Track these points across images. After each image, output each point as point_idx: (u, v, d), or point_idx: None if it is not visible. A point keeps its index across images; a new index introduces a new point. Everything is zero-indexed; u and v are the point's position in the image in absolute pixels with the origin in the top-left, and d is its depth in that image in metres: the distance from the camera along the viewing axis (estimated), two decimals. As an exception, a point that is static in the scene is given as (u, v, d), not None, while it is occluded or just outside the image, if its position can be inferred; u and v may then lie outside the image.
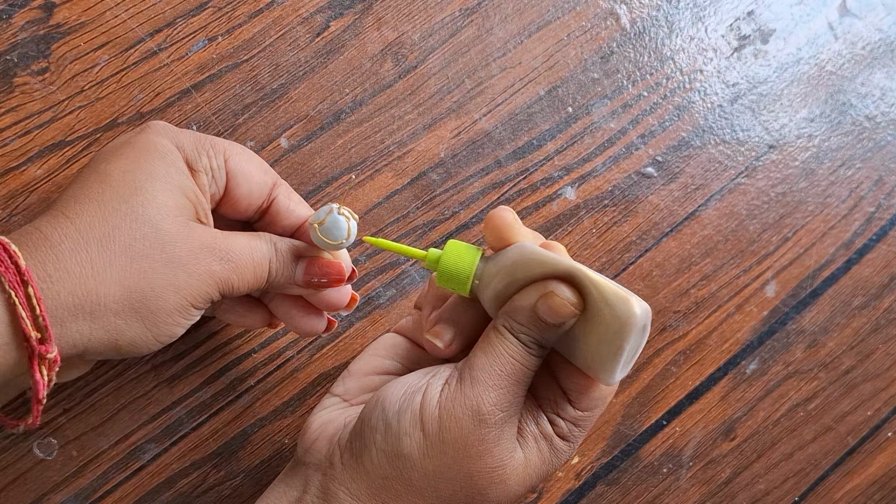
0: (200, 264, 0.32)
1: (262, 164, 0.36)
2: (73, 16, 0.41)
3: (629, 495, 0.45)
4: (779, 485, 0.47)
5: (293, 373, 0.42)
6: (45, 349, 0.28)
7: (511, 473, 0.31)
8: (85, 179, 0.32)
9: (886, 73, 0.51)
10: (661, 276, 0.47)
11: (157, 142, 0.33)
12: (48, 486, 0.38)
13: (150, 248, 0.31)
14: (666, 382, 0.46)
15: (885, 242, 0.50)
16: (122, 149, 0.33)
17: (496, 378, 0.31)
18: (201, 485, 0.40)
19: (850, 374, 0.49)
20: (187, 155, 0.33)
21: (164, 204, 0.32)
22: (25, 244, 0.29)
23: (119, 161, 0.32)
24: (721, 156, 0.48)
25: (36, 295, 0.28)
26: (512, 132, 0.46)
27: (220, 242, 0.33)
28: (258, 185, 0.35)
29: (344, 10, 0.44)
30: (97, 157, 0.33)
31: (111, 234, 0.30)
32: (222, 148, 0.34)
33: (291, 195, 0.37)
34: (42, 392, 0.29)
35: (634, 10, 0.48)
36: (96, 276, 0.30)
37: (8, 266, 0.28)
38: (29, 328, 0.28)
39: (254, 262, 0.34)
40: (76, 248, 0.30)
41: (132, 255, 0.30)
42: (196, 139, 0.34)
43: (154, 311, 0.31)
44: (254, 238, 0.34)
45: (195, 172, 0.33)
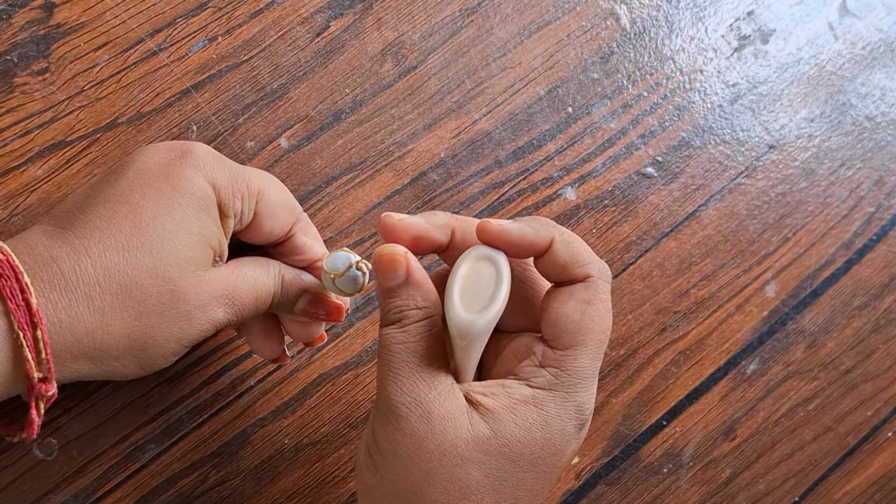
0: (206, 315, 0.32)
1: (289, 202, 0.35)
2: (73, 16, 0.41)
3: (629, 495, 0.45)
4: (779, 485, 0.47)
5: (293, 373, 0.42)
6: (46, 388, 0.29)
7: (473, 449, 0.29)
8: (114, 210, 0.30)
9: (886, 73, 0.51)
10: (661, 276, 0.47)
11: (194, 181, 0.31)
12: (48, 485, 0.38)
13: (162, 306, 0.31)
14: (666, 382, 0.46)
15: (885, 242, 0.50)
16: (159, 181, 0.31)
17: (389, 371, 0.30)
18: (201, 485, 0.40)
19: (850, 375, 0.49)
20: (221, 198, 0.32)
21: (187, 259, 0.31)
22: (39, 278, 0.29)
23: (153, 197, 0.31)
24: (721, 156, 0.48)
25: (44, 339, 0.28)
26: (512, 132, 0.46)
27: (228, 289, 0.33)
28: (281, 224, 0.35)
29: (344, 10, 0.44)
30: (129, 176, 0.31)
31: (128, 289, 0.30)
32: (256, 188, 0.33)
33: (309, 231, 0.37)
34: (37, 428, 0.30)
35: (634, 10, 0.48)
36: (105, 328, 0.30)
37: (19, 304, 0.28)
38: (33, 370, 0.29)
39: (257, 300, 0.34)
40: (91, 294, 0.29)
41: (143, 311, 0.30)
42: (233, 178, 0.33)
43: (153, 356, 0.32)
44: (261, 269, 0.34)
45: (225, 218, 0.33)
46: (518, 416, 0.30)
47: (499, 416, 0.30)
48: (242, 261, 0.35)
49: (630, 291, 0.46)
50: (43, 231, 0.31)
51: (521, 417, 0.30)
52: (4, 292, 0.28)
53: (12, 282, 0.28)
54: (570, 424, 0.30)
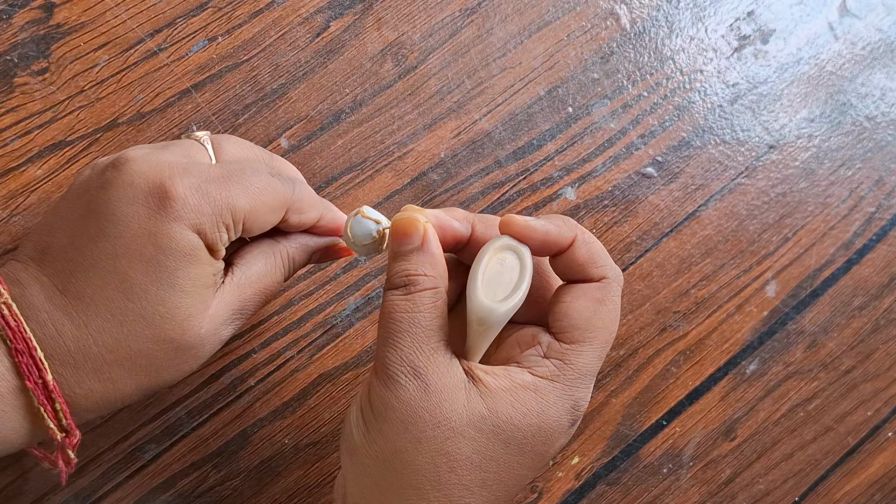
0: (215, 343, 0.33)
1: (276, 204, 0.33)
2: (73, 16, 0.41)
3: (629, 495, 0.45)
4: (779, 485, 0.47)
5: (293, 373, 0.42)
6: (69, 441, 0.30)
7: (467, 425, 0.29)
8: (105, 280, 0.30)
9: (886, 73, 0.51)
10: (661, 276, 0.47)
11: (178, 238, 0.30)
12: (48, 485, 0.38)
13: (169, 360, 0.31)
14: (666, 383, 0.46)
15: (885, 243, 0.50)
16: (143, 246, 0.30)
17: (387, 334, 0.30)
18: (201, 485, 0.40)
19: (850, 375, 0.49)
20: (209, 241, 0.31)
21: (186, 316, 0.31)
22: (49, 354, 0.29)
23: (140, 266, 0.30)
24: (721, 156, 0.48)
25: (63, 410, 0.30)
26: (512, 132, 0.46)
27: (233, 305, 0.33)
28: (271, 223, 0.34)
29: (344, 10, 0.44)
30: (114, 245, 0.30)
31: (133, 359, 0.31)
32: (242, 214, 0.32)
33: (303, 206, 0.35)
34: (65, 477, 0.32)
35: (634, 11, 0.48)
36: (118, 391, 0.31)
37: (37, 381, 0.29)
38: (56, 433, 0.30)
39: (265, 296, 0.34)
40: (99, 369, 0.30)
41: (153, 370, 0.31)
42: (217, 213, 0.31)
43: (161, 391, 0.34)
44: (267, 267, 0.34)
45: (215, 252, 0.32)
46: (517, 399, 0.30)
47: (498, 396, 0.30)
48: (248, 259, 0.34)
49: (630, 291, 0.46)
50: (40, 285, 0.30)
51: (519, 402, 0.30)
52: (22, 369, 0.29)
53: (27, 357, 0.29)
54: (565, 417, 0.31)
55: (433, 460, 0.29)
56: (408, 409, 0.29)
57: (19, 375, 0.29)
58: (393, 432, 0.29)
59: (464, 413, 0.29)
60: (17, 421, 0.29)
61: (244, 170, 0.33)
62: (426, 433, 0.29)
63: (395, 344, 0.30)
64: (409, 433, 0.29)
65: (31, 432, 0.30)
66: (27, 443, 0.31)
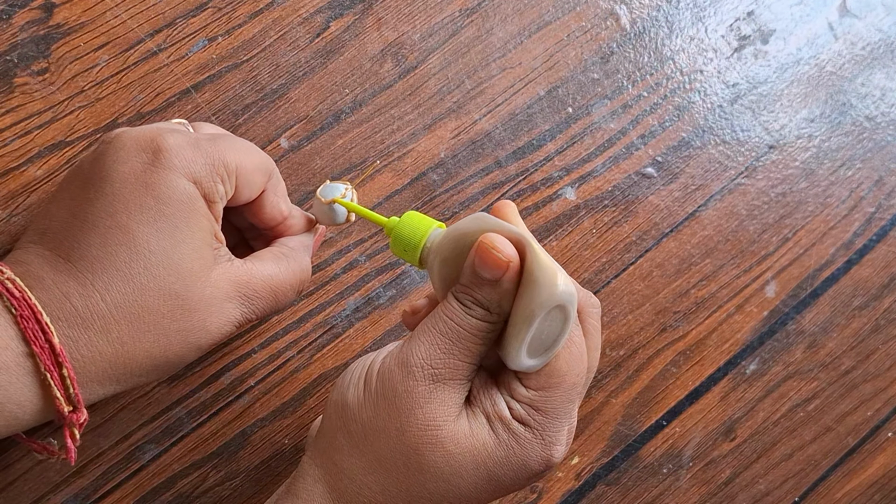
0: (223, 318, 0.33)
1: (263, 166, 0.35)
2: (73, 16, 0.41)
3: (629, 495, 0.45)
4: (779, 485, 0.47)
5: (293, 373, 0.42)
6: (77, 417, 0.30)
7: (449, 438, 0.30)
8: (107, 237, 0.30)
9: (886, 73, 0.51)
10: (661, 276, 0.47)
11: (176, 187, 0.31)
12: (48, 486, 0.38)
13: (176, 322, 0.31)
14: (666, 383, 0.46)
15: (885, 243, 0.50)
16: (142, 196, 0.30)
17: (429, 334, 0.31)
18: (201, 485, 0.40)
19: (850, 375, 0.49)
20: (205, 190, 0.32)
21: (191, 271, 0.31)
22: (56, 317, 0.29)
23: (141, 217, 0.30)
24: (721, 156, 0.48)
25: (70, 376, 0.29)
26: (512, 132, 0.46)
27: (241, 288, 0.33)
28: (258, 188, 0.35)
29: (344, 10, 0.44)
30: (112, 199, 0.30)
31: (141, 314, 0.30)
32: (234, 165, 0.33)
33: (279, 189, 0.37)
34: (74, 456, 0.31)
35: (634, 11, 0.48)
36: (126, 354, 0.31)
37: (43, 345, 0.29)
38: (63, 405, 0.29)
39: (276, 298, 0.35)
40: (107, 327, 0.30)
41: (160, 331, 0.31)
42: (211, 164, 0.32)
43: (174, 365, 0.33)
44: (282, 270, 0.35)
45: (212, 204, 0.32)
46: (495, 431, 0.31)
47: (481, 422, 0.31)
48: (258, 255, 0.35)
49: (630, 292, 0.46)
50: (42, 258, 0.30)
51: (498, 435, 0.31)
52: (27, 335, 0.28)
53: (32, 322, 0.29)
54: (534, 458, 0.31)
55: (407, 455, 0.30)
56: (408, 399, 0.30)
57: (26, 342, 0.28)
58: (385, 412, 0.30)
59: (449, 426, 0.30)
60: (24, 393, 0.29)
61: (227, 134, 0.35)
62: (412, 429, 0.30)
63: (432, 342, 0.31)
64: (399, 421, 0.30)
65: (40, 407, 0.29)
66: (35, 419, 0.30)
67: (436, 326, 0.31)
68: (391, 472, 0.30)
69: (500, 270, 0.30)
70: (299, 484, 0.31)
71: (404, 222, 0.33)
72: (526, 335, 0.30)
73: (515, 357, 0.30)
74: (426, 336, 0.31)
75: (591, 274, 0.46)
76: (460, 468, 0.30)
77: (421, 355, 0.30)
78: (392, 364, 0.31)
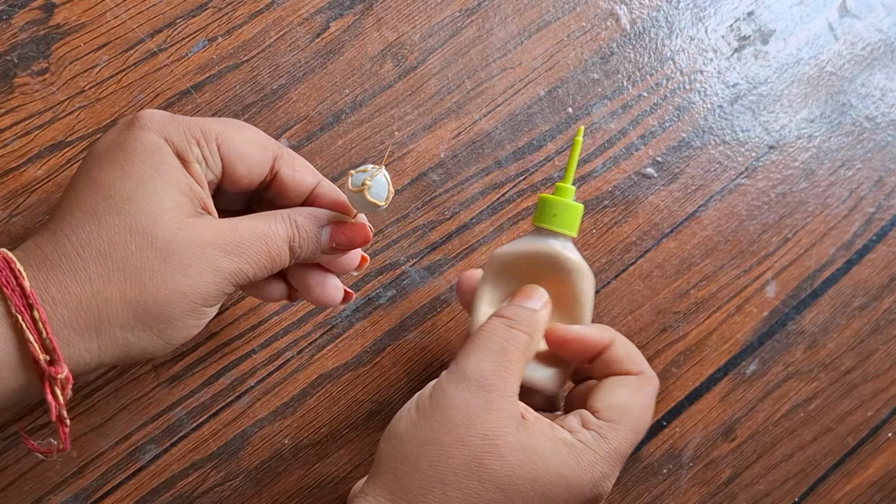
0: (205, 264, 0.31)
1: (259, 140, 0.35)
2: (74, 16, 0.41)
3: (629, 496, 0.45)
4: (779, 485, 0.47)
5: (293, 373, 0.42)
6: (55, 371, 0.29)
7: (508, 448, 0.31)
8: (78, 189, 0.31)
9: (886, 73, 0.51)
10: (661, 276, 0.47)
11: (144, 139, 0.32)
12: (48, 486, 0.38)
13: (148, 260, 0.30)
14: (666, 383, 0.46)
15: (885, 243, 0.50)
16: (112, 151, 0.32)
17: (478, 345, 0.33)
18: (201, 485, 0.40)
19: (850, 375, 0.49)
20: (177, 147, 0.32)
21: (159, 209, 0.31)
22: (27, 263, 0.29)
23: (109, 167, 0.31)
24: (721, 156, 0.48)
25: (42, 318, 0.29)
26: (512, 133, 0.46)
27: (224, 236, 0.32)
28: (258, 163, 0.34)
29: (344, 10, 0.44)
30: (88, 161, 0.32)
31: (108, 251, 0.30)
32: (214, 133, 0.33)
33: (296, 164, 0.36)
34: (55, 413, 0.30)
35: (634, 11, 0.48)
36: (97, 295, 0.30)
37: (14, 288, 0.29)
38: (37, 351, 0.29)
39: (268, 248, 0.33)
40: (75, 267, 0.30)
41: (130, 270, 0.30)
42: (186, 127, 0.33)
43: (161, 320, 0.31)
44: (267, 221, 0.33)
45: (187, 164, 0.32)
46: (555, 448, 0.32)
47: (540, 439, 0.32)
48: (244, 216, 0.34)
49: (630, 292, 0.46)
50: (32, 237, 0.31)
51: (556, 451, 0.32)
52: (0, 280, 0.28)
53: (6, 272, 0.29)
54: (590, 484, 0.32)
55: (468, 464, 0.31)
56: (466, 411, 0.31)
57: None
58: (442, 426, 0.31)
59: (510, 437, 0.31)
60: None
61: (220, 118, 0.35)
62: (472, 438, 0.31)
63: (483, 355, 0.33)
64: (458, 432, 0.31)
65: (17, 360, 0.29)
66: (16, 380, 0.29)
67: (483, 338, 0.33)
68: (449, 484, 0.31)
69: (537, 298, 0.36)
70: None
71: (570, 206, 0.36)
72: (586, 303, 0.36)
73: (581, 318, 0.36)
74: (475, 346, 0.33)
75: (591, 274, 0.46)
76: (519, 480, 0.31)
77: (473, 364, 0.32)
78: (446, 383, 0.32)
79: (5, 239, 0.39)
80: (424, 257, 0.44)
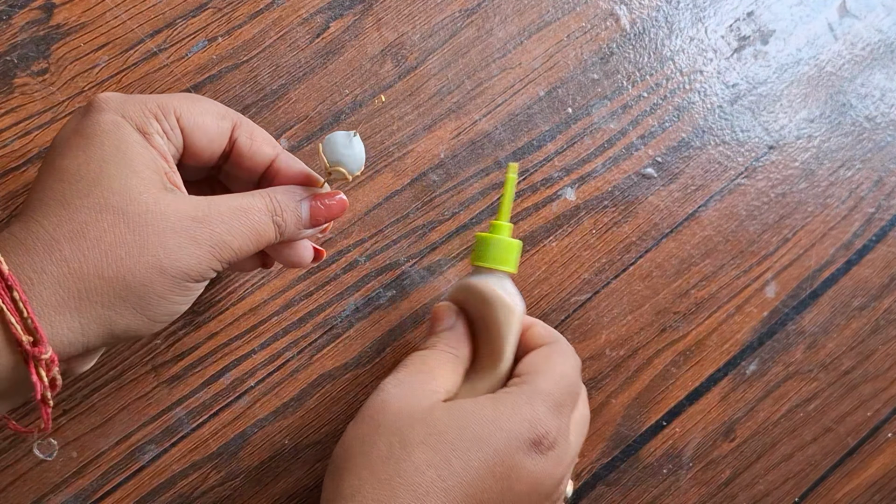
0: (182, 237, 0.31)
1: (217, 111, 0.35)
2: (73, 17, 0.41)
3: (629, 496, 0.45)
4: (779, 485, 0.47)
5: (293, 374, 0.42)
6: (39, 351, 0.29)
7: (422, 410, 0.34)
8: (45, 179, 0.31)
9: (886, 73, 0.51)
10: (660, 276, 0.47)
11: (102, 121, 0.32)
12: (48, 486, 0.38)
13: (122, 235, 0.30)
14: (666, 383, 0.46)
15: (884, 243, 0.50)
16: (73, 138, 0.32)
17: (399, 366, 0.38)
18: (201, 486, 0.40)
19: (849, 375, 0.49)
20: (136, 122, 0.32)
21: (127, 186, 0.31)
22: (5, 252, 0.30)
23: (72, 153, 0.31)
24: (721, 156, 0.48)
25: (22, 298, 0.28)
26: (512, 133, 0.46)
27: (202, 208, 0.32)
28: (217, 133, 0.35)
29: (344, 10, 0.44)
30: (51, 152, 0.32)
31: (80, 230, 0.30)
32: (172, 106, 0.33)
33: (255, 134, 0.36)
34: (40, 393, 0.29)
35: (634, 11, 0.48)
36: (74, 274, 0.30)
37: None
38: (20, 332, 0.29)
39: (251, 221, 0.33)
40: (49, 248, 0.30)
41: (105, 247, 0.30)
42: (142, 103, 0.33)
43: (142, 296, 0.31)
44: (245, 197, 0.33)
45: (148, 136, 0.32)
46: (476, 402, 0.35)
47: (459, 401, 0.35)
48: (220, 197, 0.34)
49: (630, 292, 0.46)
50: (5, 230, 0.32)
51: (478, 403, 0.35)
52: None
53: None
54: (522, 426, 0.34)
55: (388, 441, 0.33)
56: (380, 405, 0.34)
57: None
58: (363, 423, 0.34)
59: (426, 406, 0.34)
60: None
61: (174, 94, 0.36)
62: (387, 421, 0.33)
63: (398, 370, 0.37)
64: (374, 422, 0.34)
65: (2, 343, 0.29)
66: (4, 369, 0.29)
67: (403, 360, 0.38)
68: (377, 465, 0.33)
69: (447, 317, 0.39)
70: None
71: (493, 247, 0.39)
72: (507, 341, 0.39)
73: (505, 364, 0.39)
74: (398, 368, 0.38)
75: (591, 274, 0.46)
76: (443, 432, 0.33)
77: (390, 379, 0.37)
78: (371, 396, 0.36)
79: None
80: (424, 257, 0.44)
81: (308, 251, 0.37)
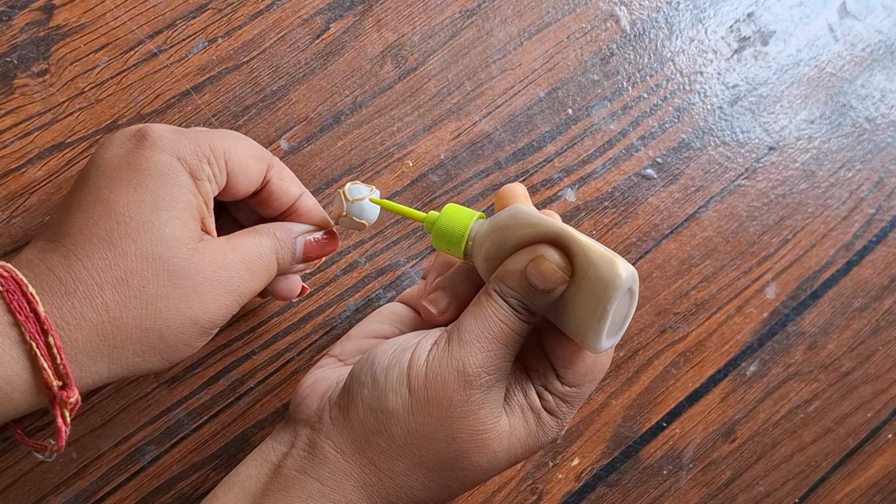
0: (218, 288, 0.32)
1: (256, 153, 0.36)
2: (73, 17, 0.41)
3: (629, 497, 0.45)
4: (779, 486, 0.47)
5: (293, 374, 0.42)
6: (67, 395, 0.29)
7: (495, 439, 0.31)
8: (90, 211, 0.31)
9: (886, 74, 0.51)
10: (661, 277, 0.47)
11: (158, 160, 0.32)
12: (48, 487, 0.38)
13: (164, 287, 0.31)
14: (666, 384, 0.46)
15: (885, 244, 0.50)
16: (124, 172, 0.31)
17: (483, 340, 0.31)
18: (201, 486, 0.40)
19: (850, 376, 0.49)
20: (190, 167, 0.32)
21: (174, 236, 0.31)
22: (41, 287, 0.29)
23: (123, 190, 0.31)
24: (721, 157, 0.48)
25: (56, 345, 0.29)
26: (512, 134, 0.46)
27: (230, 255, 0.33)
28: (257, 175, 0.35)
29: (344, 11, 0.44)
30: (97, 179, 0.32)
31: (124, 278, 0.30)
32: (222, 150, 0.34)
33: (284, 174, 0.37)
34: (64, 437, 0.30)
35: (634, 12, 0.48)
36: (113, 322, 0.30)
37: (28, 315, 0.28)
38: (51, 378, 0.29)
39: (263, 261, 0.34)
40: (91, 294, 0.30)
41: (147, 297, 0.30)
42: (196, 145, 0.33)
43: (172, 345, 0.32)
44: (257, 236, 0.35)
45: (198, 181, 0.33)
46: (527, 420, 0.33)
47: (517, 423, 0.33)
48: (235, 234, 0.35)
49: (630, 293, 0.46)
50: (35, 247, 0.31)
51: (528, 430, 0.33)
52: (12, 305, 0.28)
53: (18, 295, 0.29)
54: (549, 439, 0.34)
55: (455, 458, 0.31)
56: (463, 409, 0.31)
57: (11, 313, 0.28)
58: (437, 420, 0.31)
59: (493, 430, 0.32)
60: (12, 366, 0.28)
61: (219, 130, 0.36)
62: (464, 434, 0.31)
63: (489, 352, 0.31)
64: (450, 428, 0.31)
65: (30, 384, 0.29)
66: (27, 401, 0.29)
67: (490, 332, 0.31)
68: (435, 472, 0.31)
69: (557, 284, 0.31)
70: (324, 472, 0.31)
71: (445, 217, 0.34)
72: (603, 324, 0.30)
73: (596, 343, 0.31)
74: (480, 342, 0.31)
75: (591, 275, 0.46)
76: (498, 463, 0.32)
77: (478, 363, 0.31)
78: (443, 371, 0.31)
79: (5, 240, 0.39)
80: (424, 258, 0.44)
81: (297, 284, 0.39)
